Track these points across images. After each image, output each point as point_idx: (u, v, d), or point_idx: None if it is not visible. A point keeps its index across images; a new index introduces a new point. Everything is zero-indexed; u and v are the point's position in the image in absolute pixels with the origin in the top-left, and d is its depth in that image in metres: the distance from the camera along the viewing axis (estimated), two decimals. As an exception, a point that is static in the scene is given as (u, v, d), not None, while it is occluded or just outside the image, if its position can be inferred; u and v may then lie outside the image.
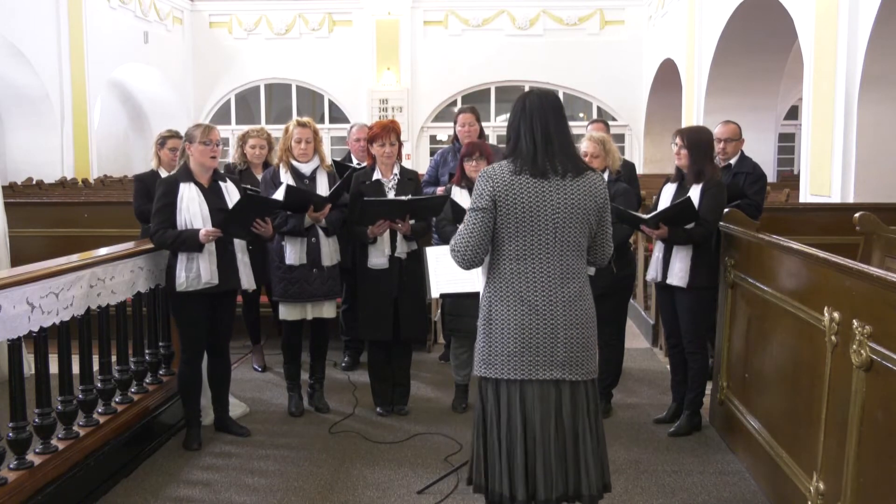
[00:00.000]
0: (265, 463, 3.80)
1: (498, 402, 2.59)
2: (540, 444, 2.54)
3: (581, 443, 2.58)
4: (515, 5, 16.68)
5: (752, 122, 10.36)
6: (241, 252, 3.96)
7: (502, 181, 2.51)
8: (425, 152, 17.03)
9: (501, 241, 2.54)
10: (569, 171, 2.53)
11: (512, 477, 2.55)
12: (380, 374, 4.46)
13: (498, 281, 2.57)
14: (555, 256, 2.53)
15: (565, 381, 2.56)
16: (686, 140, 4.01)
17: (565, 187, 2.52)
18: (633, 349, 5.60)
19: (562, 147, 2.55)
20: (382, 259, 4.23)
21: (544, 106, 2.57)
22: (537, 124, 2.54)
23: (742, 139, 4.80)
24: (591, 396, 2.63)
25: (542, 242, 2.52)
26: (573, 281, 2.55)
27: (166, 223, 3.79)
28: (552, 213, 2.50)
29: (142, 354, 4.10)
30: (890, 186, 6.83)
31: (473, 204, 2.55)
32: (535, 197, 2.50)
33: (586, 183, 2.55)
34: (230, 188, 3.97)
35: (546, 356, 2.53)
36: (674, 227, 3.91)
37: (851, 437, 2.53)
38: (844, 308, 2.61)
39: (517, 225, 2.51)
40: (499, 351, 2.56)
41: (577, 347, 2.55)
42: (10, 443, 3.02)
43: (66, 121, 13.09)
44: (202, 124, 3.93)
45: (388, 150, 4.24)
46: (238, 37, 17.11)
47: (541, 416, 2.55)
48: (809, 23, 7.96)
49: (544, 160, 2.52)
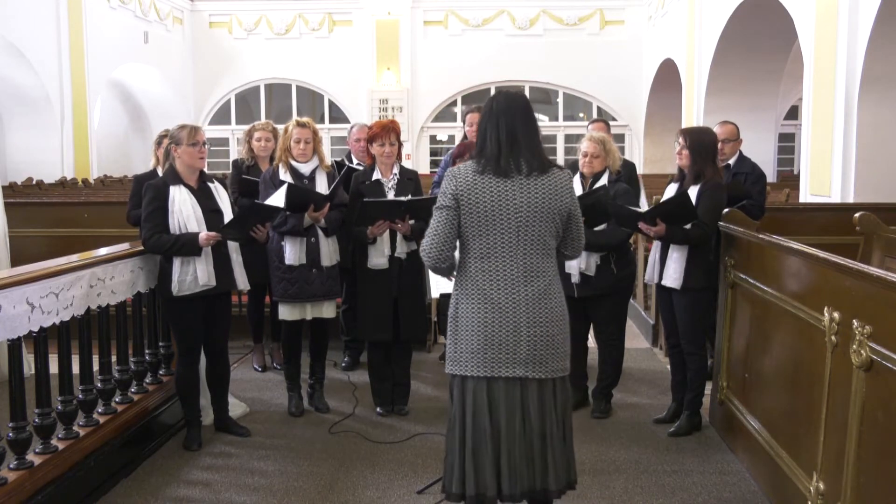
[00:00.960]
0: (265, 463, 3.80)
1: (464, 400, 2.64)
2: (505, 441, 2.58)
3: (548, 439, 2.61)
4: (515, 5, 16.69)
5: (752, 122, 10.38)
6: (234, 252, 3.94)
7: (465, 180, 2.56)
8: (425, 152, 17.04)
9: (466, 240, 2.61)
10: (534, 169, 2.57)
11: (478, 475, 2.58)
12: (380, 374, 4.46)
13: (464, 279, 2.63)
14: (518, 255, 2.57)
15: (531, 378, 2.59)
16: (688, 140, 3.99)
17: (529, 186, 2.56)
18: (633, 349, 5.60)
19: (528, 147, 2.59)
20: (382, 259, 4.22)
21: (511, 107, 2.62)
22: (503, 125, 2.59)
23: (740, 139, 4.80)
24: (559, 394, 2.66)
25: (504, 241, 2.56)
26: (537, 279, 2.59)
27: (159, 227, 3.73)
28: (514, 212, 2.55)
29: (142, 354, 4.09)
30: (890, 186, 6.84)
31: (438, 202, 2.61)
32: (496, 196, 2.54)
33: (551, 181, 2.59)
34: (219, 189, 3.95)
35: (509, 354, 2.57)
36: (672, 225, 3.90)
37: (851, 437, 2.53)
38: (844, 308, 2.61)
39: (479, 224, 2.56)
40: (464, 348, 2.61)
41: (541, 346, 2.58)
42: (10, 443, 3.02)
43: (66, 121, 13.10)
44: (187, 125, 3.88)
45: (387, 150, 4.24)
46: (238, 37, 17.12)
47: (506, 413, 2.59)
48: (809, 23, 7.96)
49: (508, 160, 2.56)
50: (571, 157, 11.55)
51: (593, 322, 4.42)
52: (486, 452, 2.58)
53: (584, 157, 4.23)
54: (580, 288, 4.23)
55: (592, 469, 3.68)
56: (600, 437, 4.10)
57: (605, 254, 4.19)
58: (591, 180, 4.24)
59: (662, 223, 3.87)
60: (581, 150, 4.27)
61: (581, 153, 4.26)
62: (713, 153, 4.05)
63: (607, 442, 4.03)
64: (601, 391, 4.45)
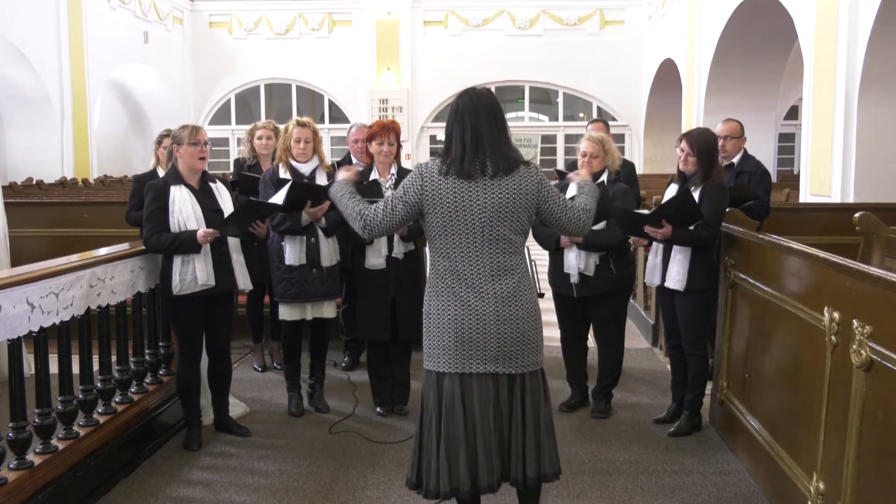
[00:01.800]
0: (265, 463, 3.80)
1: (439, 396, 2.67)
2: (480, 435, 2.62)
3: (517, 431, 2.65)
4: (515, 5, 16.68)
5: (752, 122, 10.32)
6: (235, 252, 3.95)
7: (430, 180, 2.61)
8: (425, 152, 17.03)
9: (432, 239, 2.66)
10: (500, 170, 2.59)
11: (452, 471, 2.62)
12: (380, 374, 4.46)
13: (434, 278, 2.69)
14: (484, 254, 2.61)
15: (502, 374, 2.64)
16: (695, 148, 3.94)
17: (492, 187, 2.59)
18: (633, 349, 5.60)
19: (493, 147, 2.60)
20: (379, 259, 4.22)
21: (476, 107, 2.63)
22: (468, 125, 2.61)
23: (743, 137, 4.78)
24: (530, 387, 2.69)
25: (469, 241, 2.61)
26: (505, 278, 2.63)
27: (160, 227, 3.75)
28: (478, 212, 2.58)
29: (142, 354, 4.09)
30: (890, 186, 6.84)
31: (399, 191, 2.66)
32: (459, 198, 2.58)
33: (515, 180, 2.61)
34: (220, 188, 3.96)
35: (479, 350, 2.62)
36: (677, 226, 3.88)
37: (851, 437, 2.53)
38: (844, 308, 2.61)
39: (444, 224, 2.61)
40: (437, 344, 2.66)
41: (510, 342, 2.62)
42: (10, 443, 3.02)
43: (66, 121, 13.10)
44: (188, 125, 3.89)
45: (385, 149, 4.25)
46: (238, 37, 17.12)
47: (480, 408, 2.63)
48: (809, 23, 7.96)
49: (472, 162, 2.59)
50: (571, 157, 11.56)
51: (593, 322, 4.42)
52: (461, 447, 2.61)
53: (583, 157, 4.24)
54: (579, 288, 4.23)
55: (592, 469, 3.68)
56: (600, 437, 4.10)
57: (605, 254, 4.19)
58: (591, 180, 4.24)
59: (669, 225, 3.85)
60: (580, 150, 4.28)
61: (580, 153, 4.27)
62: (716, 154, 4.06)
63: (607, 442, 4.03)
64: (601, 391, 4.45)
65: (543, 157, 17.12)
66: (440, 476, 2.63)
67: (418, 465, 2.72)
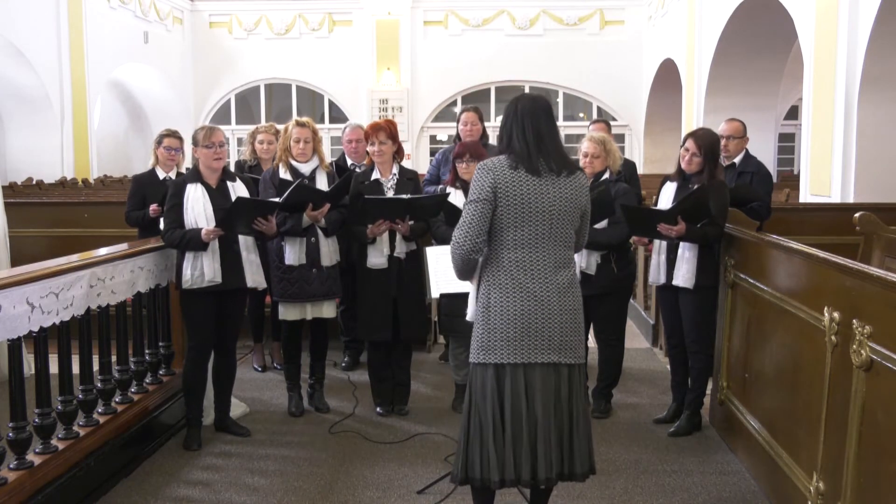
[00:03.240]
0: (265, 463, 3.80)
1: (499, 388, 2.68)
2: (542, 426, 2.66)
3: (575, 424, 2.72)
4: (515, 5, 16.68)
5: (752, 122, 10.24)
6: (246, 251, 3.99)
7: (503, 174, 2.66)
8: (425, 152, 17.02)
9: (500, 231, 2.68)
10: (562, 169, 2.70)
11: (517, 460, 2.65)
12: (380, 374, 4.46)
13: (496, 270, 2.70)
14: (549, 247, 2.69)
15: (563, 364, 2.70)
16: (702, 149, 3.96)
17: (559, 184, 2.68)
18: (633, 349, 5.60)
19: (553, 148, 2.71)
20: (381, 259, 4.23)
21: (536, 109, 2.72)
22: (528, 126, 2.69)
23: (746, 137, 4.78)
24: (581, 381, 2.80)
25: (538, 234, 2.67)
26: (565, 270, 2.73)
27: (175, 223, 3.88)
28: (549, 207, 2.66)
29: (142, 354, 4.10)
30: (890, 186, 6.83)
31: (473, 195, 2.67)
32: (532, 191, 2.65)
33: (576, 182, 2.73)
34: (238, 187, 4.01)
35: (545, 340, 2.67)
36: (690, 223, 3.88)
37: (851, 437, 2.53)
38: (844, 308, 2.61)
39: (516, 216, 2.65)
40: (499, 336, 2.67)
41: (570, 332, 2.72)
42: (10, 443, 3.02)
43: (66, 121, 13.10)
44: (206, 126, 4.02)
45: (377, 149, 4.26)
46: (238, 37, 17.11)
47: (542, 399, 2.67)
48: (809, 23, 7.96)
49: (537, 159, 2.67)
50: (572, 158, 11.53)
51: (593, 322, 4.42)
52: (523, 438, 2.64)
53: (584, 158, 4.25)
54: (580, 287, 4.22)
55: (592, 469, 3.68)
56: (600, 437, 4.10)
57: (606, 253, 4.20)
58: (592, 180, 4.25)
59: (683, 222, 3.84)
60: (581, 151, 4.28)
61: (581, 153, 4.28)
62: (719, 154, 4.11)
63: (607, 442, 4.03)
64: (601, 391, 4.45)
65: (543, 157, 17.12)
66: (505, 466, 2.64)
67: (466, 459, 2.69)
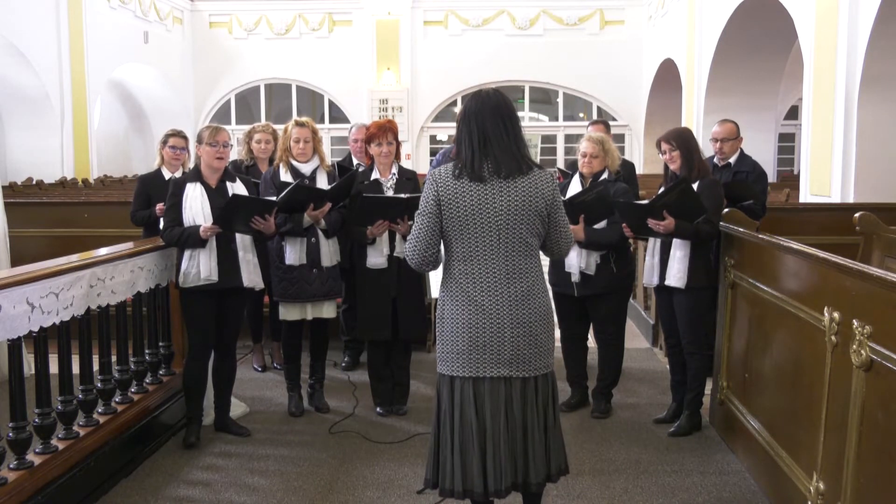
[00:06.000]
0: (265, 463, 3.80)
1: (452, 399, 2.67)
2: (490, 438, 2.62)
3: (529, 434, 2.65)
4: (515, 5, 16.69)
5: (752, 122, 10.37)
6: (243, 251, 3.98)
7: (445, 185, 2.59)
8: (425, 152, 17.03)
9: (448, 243, 2.64)
10: (512, 171, 2.56)
11: (466, 472, 2.62)
12: (380, 374, 4.46)
13: (449, 281, 2.67)
14: (500, 257, 2.59)
15: (515, 377, 2.63)
16: (674, 142, 4.02)
17: (507, 189, 2.56)
18: (633, 349, 5.59)
19: (501, 148, 2.57)
20: (381, 259, 4.23)
21: (482, 109, 2.60)
22: (474, 128, 2.59)
23: (740, 137, 4.79)
24: (542, 390, 2.69)
25: (485, 244, 2.58)
26: (520, 280, 2.61)
27: (174, 221, 3.91)
28: (494, 215, 2.56)
29: (142, 354, 4.09)
30: (890, 186, 6.84)
31: (419, 208, 2.64)
32: (475, 201, 2.56)
33: (531, 182, 2.58)
34: (238, 188, 4.01)
35: (494, 354, 2.61)
36: (684, 220, 3.88)
37: (851, 437, 2.53)
38: (844, 308, 2.61)
39: (460, 227, 2.58)
40: (451, 349, 2.65)
41: (524, 345, 2.61)
42: (10, 443, 3.02)
43: (66, 121, 13.10)
44: (211, 126, 4.03)
45: (384, 150, 4.25)
46: (238, 37, 17.12)
47: (491, 412, 2.63)
48: (809, 23, 7.96)
49: (481, 164, 2.57)
50: (571, 157, 11.55)
51: (593, 322, 4.43)
52: (473, 449, 2.62)
53: (583, 158, 4.27)
54: (580, 287, 4.23)
55: (592, 469, 3.68)
56: (600, 437, 4.10)
57: (605, 253, 4.20)
58: (591, 180, 4.27)
59: (671, 217, 3.84)
60: (580, 151, 4.30)
61: (580, 153, 4.29)
62: (695, 144, 4.09)
63: (607, 442, 4.03)
64: (601, 391, 4.45)
65: (543, 157, 17.17)
66: (454, 476, 2.64)
67: (435, 464, 2.72)
